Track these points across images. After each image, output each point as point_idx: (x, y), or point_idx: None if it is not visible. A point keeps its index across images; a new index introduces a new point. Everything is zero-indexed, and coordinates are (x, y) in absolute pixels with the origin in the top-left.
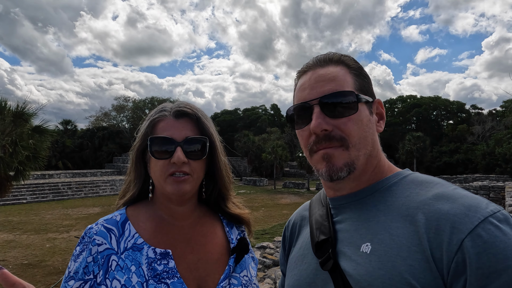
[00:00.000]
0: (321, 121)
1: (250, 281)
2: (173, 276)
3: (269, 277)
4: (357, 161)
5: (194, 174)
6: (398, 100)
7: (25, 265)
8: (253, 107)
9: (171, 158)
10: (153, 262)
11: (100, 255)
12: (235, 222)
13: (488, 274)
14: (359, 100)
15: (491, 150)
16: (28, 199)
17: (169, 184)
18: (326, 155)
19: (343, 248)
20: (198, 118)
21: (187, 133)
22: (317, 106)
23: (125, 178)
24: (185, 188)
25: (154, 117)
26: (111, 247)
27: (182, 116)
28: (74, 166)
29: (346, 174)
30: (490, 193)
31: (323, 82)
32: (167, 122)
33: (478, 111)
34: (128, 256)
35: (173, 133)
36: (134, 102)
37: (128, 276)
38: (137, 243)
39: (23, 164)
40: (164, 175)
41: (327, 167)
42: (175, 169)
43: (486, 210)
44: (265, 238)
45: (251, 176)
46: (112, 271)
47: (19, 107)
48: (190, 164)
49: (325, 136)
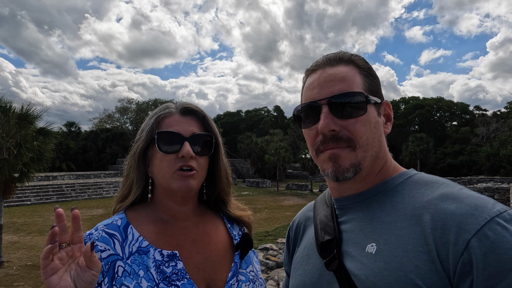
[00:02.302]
0: (329, 121)
1: (257, 276)
2: (183, 278)
3: (272, 279)
4: (364, 162)
5: (200, 170)
6: (401, 101)
7: (29, 267)
8: (255, 109)
9: (179, 152)
10: (161, 265)
11: (104, 262)
12: (236, 224)
13: (495, 275)
14: (368, 101)
15: (495, 152)
16: (32, 200)
17: (176, 179)
18: (333, 155)
19: (348, 248)
20: (204, 116)
21: (193, 130)
22: (326, 106)
23: (124, 181)
24: (192, 184)
25: (159, 114)
26: (116, 252)
27: (189, 113)
28: (77, 168)
29: (352, 175)
30: (494, 195)
31: (332, 82)
32: (174, 118)
33: (482, 112)
34: (135, 261)
35: (180, 128)
36: (138, 104)
37: (137, 281)
38: (142, 246)
39: (28, 166)
40: (172, 170)
41: (333, 167)
42: (183, 163)
43: (492, 210)
44: (268, 240)
45: (254, 177)
46: (120, 278)
47: (24, 109)
48: (196, 159)
49: (333, 136)
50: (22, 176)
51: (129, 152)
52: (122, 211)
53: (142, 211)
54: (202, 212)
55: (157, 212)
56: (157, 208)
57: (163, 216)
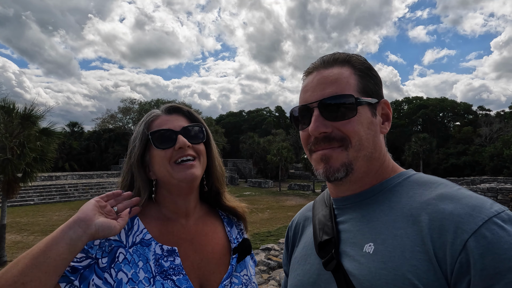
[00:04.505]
0: (319, 124)
1: (250, 280)
2: (179, 273)
3: (273, 279)
4: (355, 162)
5: (200, 156)
6: (403, 101)
7: None
8: (258, 109)
9: (175, 145)
10: (160, 259)
11: (107, 243)
12: (232, 215)
13: (492, 275)
14: (358, 103)
15: (498, 152)
16: (35, 200)
17: (178, 171)
18: (324, 156)
19: (346, 248)
20: (189, 111)
21: (182, 124)
22: (317, 109)
23: (126, 189)
24: (195, 173)
25: (147, 119)
26: (120, 239)
27: (174, 111)
28: (80, 168)
29: (343, 175)
30: (498, 195)
31: (324, 85)
32: (162, 119)
33: (486, 112)
34: (136, 251)
35: (170, 125)
36: (140, 104)
37: (135, 270)
38: (145, 238)
39: (31, 166)
40: (173, 164)
41: (324, 167)
42: (182, 154)
43: (490, 210)
44: (270, 240)
45: (256, 178)
46: (119, 263)
47: (27, 109)
48: (193, 148)
49: (325, 137)
50: (25, 176)
51: (126, 160)
52: None
53: (148, 208)
54: (203, 211)
55: (161, 210)
56: (161, 206)
57: (166, 214)
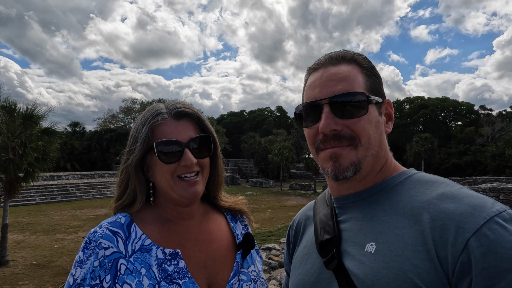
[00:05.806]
0: (330, 121)
1: (258, 276)
2: (184, 276)
3: (274, 279)
4: (364, 161)
5: (204, 171)
6: (405, 101)
7: (34, 266)
8: (259, 108)
9: (180, 161)
10: (163, 263)
11: (107, 259)
12: (233, 212)
13: (493, 274)
14: (369, 101)
15: (500, 152)
16: (37, 200)
17: (180, 187)
18: (333, 154)
19: (347, 247)
20: (199, 118)
21: (191, 134)
22: (327, 106)
23: (120, 191)
24: (198, 190)
25: (152, 122)
26: (119, 250)
27: (183, 116)
28: (82, 167)
29: (352, 174)
30: (499, 195)
31: (334, 82)
32: (169, 125)
33: (488, 112)
34: (137, 259)
35: (177, 135)
36: (142, 104)
37: (139, 279)
38: (145, 244)
39: (32, 166)
40: (175, 179)
41: (333, 166)
42: (186, 171)
43: (492, 210)
44: (271, 240)
45: (257, 177)
46: (122, 276)
47: (29, 109)
48: (199, 162)
49: (334, 135)
50: (27, 175)
51: (123, 160)
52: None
53: (145, 211)
54: (205, 210)
55: (161, 212)
56: (160, 208)
57: (166, 216)
